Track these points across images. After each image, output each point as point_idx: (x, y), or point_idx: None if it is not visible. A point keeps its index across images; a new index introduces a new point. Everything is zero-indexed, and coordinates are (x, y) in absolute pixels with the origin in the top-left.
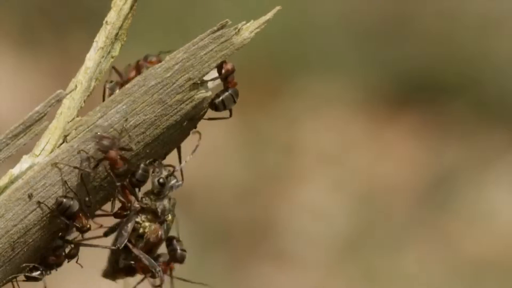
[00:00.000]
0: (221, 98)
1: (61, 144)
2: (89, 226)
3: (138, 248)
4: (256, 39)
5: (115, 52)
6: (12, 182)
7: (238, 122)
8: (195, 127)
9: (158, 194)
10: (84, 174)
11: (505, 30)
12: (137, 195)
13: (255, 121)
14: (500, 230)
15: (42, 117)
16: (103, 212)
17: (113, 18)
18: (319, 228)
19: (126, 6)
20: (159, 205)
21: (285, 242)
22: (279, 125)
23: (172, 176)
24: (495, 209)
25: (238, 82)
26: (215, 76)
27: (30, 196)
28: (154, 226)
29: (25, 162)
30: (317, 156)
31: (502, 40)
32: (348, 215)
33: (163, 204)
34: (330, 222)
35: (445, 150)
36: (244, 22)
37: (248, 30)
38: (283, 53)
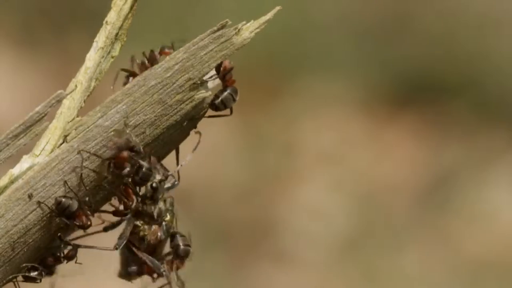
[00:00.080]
0: (220, 98)
1: (61, 144)
2: (90, 223)
3: (142, 250)
4: (256, 39)
5: (115, 52)
6: (12, 182)
7: (238, 122)
8: (195, 127)
9: (152, 198)
10: (84, 174)
11: (505, 30)
12: (138, 194)
13: (255, 121)
14: (500, 230)
15: (42, 117)
16: (104, 210)
17: (113, 18)
18: (319, 228)
19: (126, 6)
20: (155, 208)
21: (285, 242)
22: (279, 125)
23: (165, 180)
24: (495, 209)
25: (238, 82)
26: (214, 75)
27: (30, 196)
28: (153, 228)
29: (25, 162)
30: (317, 156)
31: (502, 40)
32: (348, 215)
33: (159, 207)
34: (330, 222)
35: (445, 150)
36: (244, 22)
37: (248, 30)
38: (283, 53)
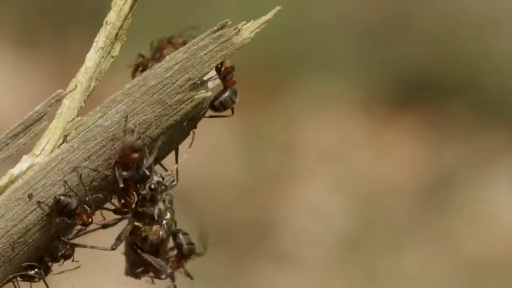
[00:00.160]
0: (219, 100)
1: (61, 144)
2: (90, 220)
3: (145, 250)
4: (256, 39)
5: (115, 52)
6: (12, 182)
7: (238, 122)
8: (195, 127)
9: (151, 200)
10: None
11: (505, 30)
12: (139, 192)
13: (255, 121)
14: (500, 230)
15: (42, 116)
16: (105, 207)
17: (113, 18)
18: (319, 228)
19: (126, 6)
20: (154, 209)
21: (285, 242)
22: (279, 125)
23: (163, 181)
24: (495, 209)
25: (238, 82)
26: (214, 75)
27: (30, 196)
28: (154, 228)
29: (25, 162)
30: (317, 156)
31: (502, 40)
32: (348, 215)
33: (158, 208)
34: (330, 222)
35: (445, 150)
36: (244, 22)
37: (248, 30)
38: (283, 53)
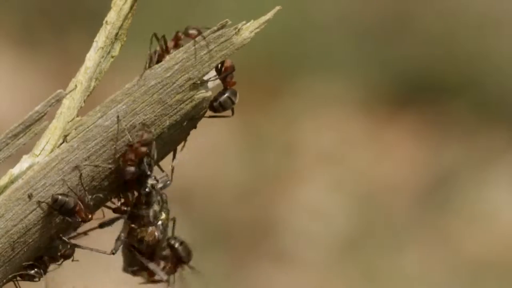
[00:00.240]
0: (218, 101)
1: (61, 144)
2: (90, 217)
3: (142, 250)
4: (256, 39)
5: (115, 52)
6: (12, 182)
7: (238, 122)
8: (195, 127)
9: (147, 201)
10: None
11: (505, 30)
12: (139, 191)
13: (255, 121)
14: (500, 230)
15: (42, 116)
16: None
17: (113, 18)
18: (319, 228)
19: (126, 6)
20: (150, 211)
21: (285, 242)
22: (279, 125)
23: (158, 182)
24: (495, 209)
25: (238, 82)
26: (214, 75)
27: (30, 196)
28: (149, 229)
29: (25, 162)
30: (317, 156)
31: (502, 40)
32: (348, 215)
33: (153, 209)
34: (330, 222)
35: (445, 150)
36: (244, 22)
37: (248, 30)
38: (283, 53)
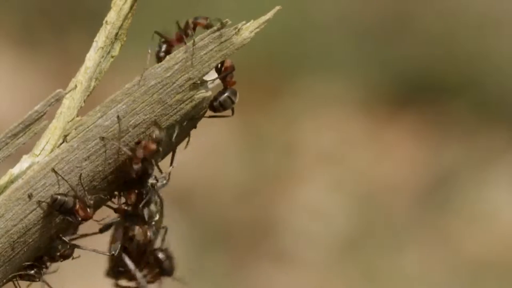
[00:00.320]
0: (218, 100)
1: (61, 144)
2: (91, 215)
3: (132, 250)
4: (256, 39)
5: (115, 52)
6: (12, 182)
7: (238, 122)
8: (195, 127)
9: (144, 202)
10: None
11: (505, 30)
12: (139, 189)
13: (255, 121)
14: (500, 230)
15: (41, 116)
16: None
17: (113, 18)
18: (319, 228)
19: (126, 6)
20: (145, 210)
21: (285, 242)
22: (279, 125)
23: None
24: (495, 209)
25: (238, 82)
26: (215, 76)
27: (30, 196)
28: (143, 229)
29: (25, 162)
30: (317, 156)
31: (502, 40)
32: (348, 215)
33: (149, 209)
34: (330, 222)
35: (445, 150)
36: (244, 22)
37: (248, 30)
38: (283, 53)
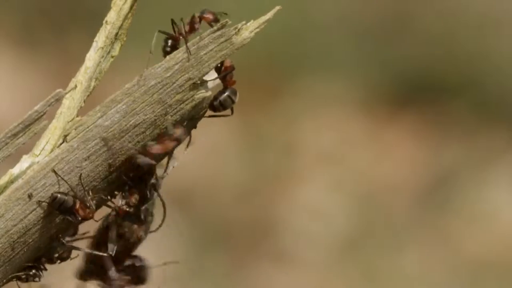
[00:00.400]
0: (218, 100)
1: (61, 144)
2: (91, 215)
3: (119, 247)
4: (256, 39)
5: (115, 52)
6: (12, 182)
7: (238, 122)
8: (195, 127)
9: (142, 201)
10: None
11: (505, 30)
12: (144, 193)
13: (255, 121)
14: (500, 230)
15: (41, 116)
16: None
17: (113, 18)
18: (319, 228)
19: (126, 6)
20: (143, 209)
21: (285, 242)
22: (279, 125)
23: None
24: (495, 209)
25: (238, 82)
26: (215, 76)
27: (30, 196)
28: (135, 226)
29: (25, 162)
30: (317, 156)
31: (502, 40)
32: (348, 215)
33: (146, 208)
34: (330, 222)
35: (445, 150)
36: (244, 22)
37: (248, 30)
38: (283, 53)
